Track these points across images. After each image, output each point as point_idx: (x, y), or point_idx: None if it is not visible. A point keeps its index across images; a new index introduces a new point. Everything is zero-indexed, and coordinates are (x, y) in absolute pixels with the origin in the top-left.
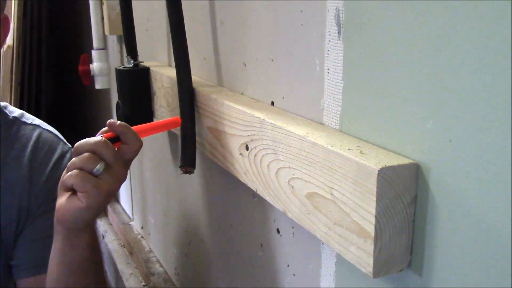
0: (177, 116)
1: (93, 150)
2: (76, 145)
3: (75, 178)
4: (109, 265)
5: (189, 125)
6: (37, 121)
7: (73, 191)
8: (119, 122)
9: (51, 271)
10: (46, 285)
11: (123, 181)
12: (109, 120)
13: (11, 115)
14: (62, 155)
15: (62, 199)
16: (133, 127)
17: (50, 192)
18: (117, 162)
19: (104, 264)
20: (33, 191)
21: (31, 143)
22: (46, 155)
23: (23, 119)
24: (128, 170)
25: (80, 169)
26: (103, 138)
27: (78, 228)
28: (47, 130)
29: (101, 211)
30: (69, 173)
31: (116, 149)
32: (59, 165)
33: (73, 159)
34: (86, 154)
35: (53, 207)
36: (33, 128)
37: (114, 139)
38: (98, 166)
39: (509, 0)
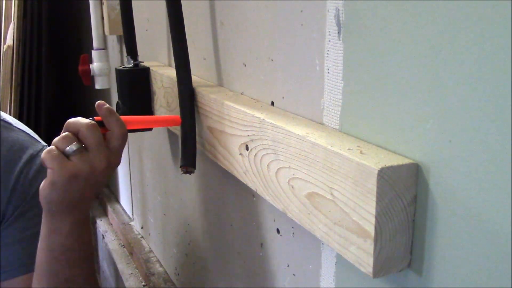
0: (177, 115)
1: (77, 131)
2: (66, 122)
3: (45, 154)
4: (109, 265)
5: (190, 125)
6: (8, 118)
7: None
8: (106, 105)
9: (37, 259)
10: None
11: (102, 169)
12: (98, 101)
13: None
14: (34, 155)
15: None
16: (129, 117)
17: (24, 194)
18: (98, 148)
19: (94, 262)
20: (3, 192)
21: (2, 143)
22: (16, 155)
23: None
24: (116, 161)
25: (55, 146)
26: (92, 121)
27: (51, 209)
28: (19, 129)
29: (68, 197)
30: (45, 149)
31: (105, 135)
32: (31, 165)
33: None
34: (64, 133)
35: (30, 207)
36: (4, 125)
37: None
38: (69, 147)
39: (509, 0)
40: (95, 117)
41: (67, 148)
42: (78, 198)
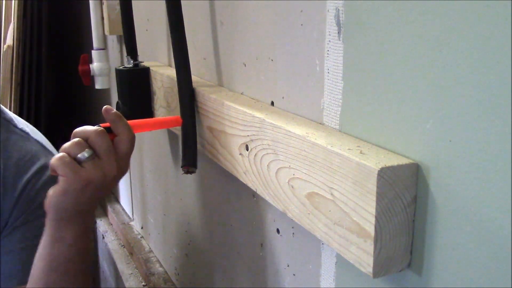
0: (178, 116)
1: (86, 137)
2: (74, 131)
3: (57, 161)
4: (109, 265)
5: (190, 125)
6: (26, 127)
7: None
8: (114, 110)
9: (33, 267)
10: (27, 284)
11: (113, 175)
12: (105, 106)
13: (3, 116)
14: (45, 166)
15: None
16: (132, 121)
17: (29, 204)
18: (108, 154)
19: (89, 276)
20: (10, 198)
21: (14, 151)
22: (26, 165)
23: (14, 123)
24: (125, 167)
25: (67, 153)
26: (100, 127)
27: (60, 217)
28: (35, 139)
29: (80, 204)
30: (55, 156)
31: (113, 141)
32: (40, 176)
33: (65, 144)
34: (75, 139)
35: (33, 218)
36: (20, 134)
37: (111, 130)
38: (81, 154)
39: (509, 0)
40: (101, 124)
41: (80, 155)
42: (88, 205)
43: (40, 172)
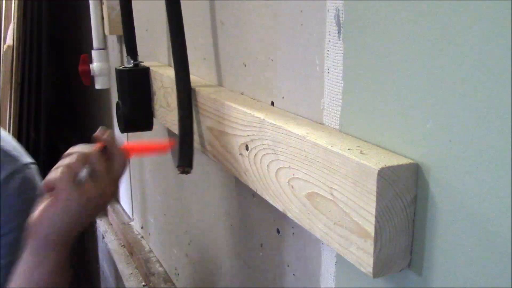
0: (171, 141)
1: (83, 156)
2: (69, 150)
3: (57, 180)
4: (109, 265)
5: (188, 125)
6: None
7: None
8: (108, 132)
9: None
10: None
11: (106, 198)
12: (99, 128)
13: None
14: (13, 173)
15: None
16: (127, 144)
17: None
18: (105, 172)
19: None
20: None
21: None
22: None
23: None
24: (115, 190)
25: (68, 167)
26: (98, 148)
27: (49, 238)
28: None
29: (74, 223)
30: (55, 169)
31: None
32: (7, 183)
33: (64, 159)
34: (73, 158)
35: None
36: None
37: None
38: (81, 172)
39: (509, 0)
40: (95, 145)
41: (80, 173)
42: (82, 225)
43: (5, 181)
